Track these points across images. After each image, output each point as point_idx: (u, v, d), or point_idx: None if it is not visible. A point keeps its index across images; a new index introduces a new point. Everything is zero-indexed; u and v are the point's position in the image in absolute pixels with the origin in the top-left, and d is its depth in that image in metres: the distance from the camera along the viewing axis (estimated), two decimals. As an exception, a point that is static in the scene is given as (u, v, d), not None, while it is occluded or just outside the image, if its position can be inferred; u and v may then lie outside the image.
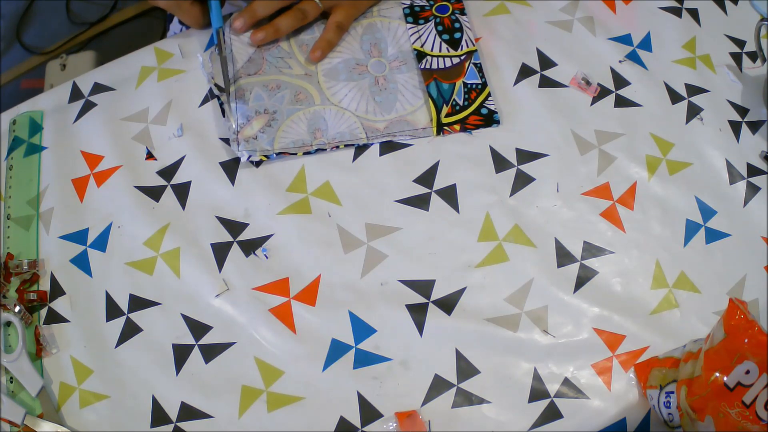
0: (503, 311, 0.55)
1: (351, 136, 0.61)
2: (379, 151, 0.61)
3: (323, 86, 0.63)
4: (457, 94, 0.63)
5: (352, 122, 0.61)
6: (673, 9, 0.69)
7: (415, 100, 0.63)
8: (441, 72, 0.64)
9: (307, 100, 0.62)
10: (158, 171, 0.61)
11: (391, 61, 0.65)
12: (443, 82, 0.63)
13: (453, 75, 0.64)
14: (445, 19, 0.66)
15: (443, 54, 0.64)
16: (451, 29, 0.65)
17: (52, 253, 0.59)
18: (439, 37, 0.65)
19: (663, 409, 0.49)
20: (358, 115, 0.62)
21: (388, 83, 0.64)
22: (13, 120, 0.65)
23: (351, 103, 0.62)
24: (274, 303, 0.56)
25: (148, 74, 0.66)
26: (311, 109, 0.62)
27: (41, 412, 0.53)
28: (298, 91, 0.62)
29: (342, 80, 0.64)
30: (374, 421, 0.52)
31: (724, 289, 0.57)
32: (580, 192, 0.60)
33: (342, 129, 0.61)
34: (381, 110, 0.62)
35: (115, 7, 1.59)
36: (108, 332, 0.56)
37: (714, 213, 0.59)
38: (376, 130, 0.61)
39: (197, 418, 0.53)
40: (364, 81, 0.64)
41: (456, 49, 0.65)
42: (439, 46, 0.65)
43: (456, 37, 0.65)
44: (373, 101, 0.63)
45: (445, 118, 0.62)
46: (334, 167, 0.61)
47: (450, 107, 0.62)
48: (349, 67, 0.64)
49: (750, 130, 0.64)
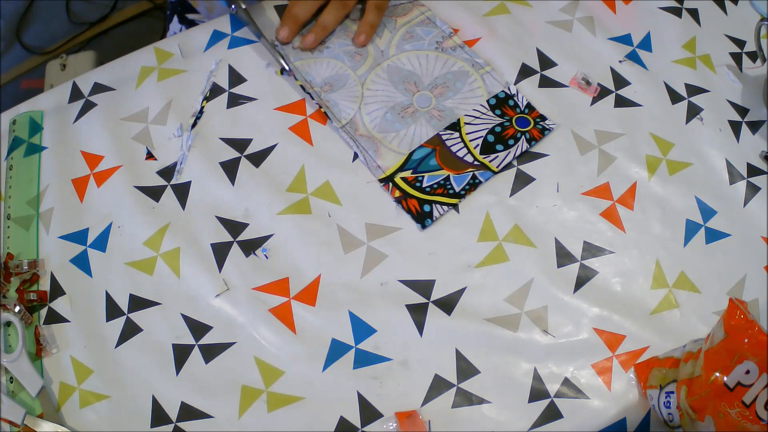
0: (503, 311, 0.55)
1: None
2: (379, 151, 0.61)
3: (384, 141, 0.61)
4: (429, 179, 0.59)
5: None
6: (673, 9, 0.69)
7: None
8: (448, 156, 0.60)
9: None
10: (158, 171, 0.61)
11: (431, 90, 0.63)
12: (437, 161, 0.60)
13: (457, 166, 0.60)
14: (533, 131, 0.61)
15: (476, 154, 0.60)
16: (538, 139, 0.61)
17: (52, 253, 0.59)
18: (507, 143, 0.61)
19: (663, 409, 0.49)
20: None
21: (443, 112, 0.62)
22: (13, 120, 0.65)
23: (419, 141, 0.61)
24: (274, 303, 0.56)
25: (148, 74, 0.66)
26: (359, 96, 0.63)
27: (41, 412, 0.53)
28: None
29: (399, 129, 0.62)
30: (374, 421, 0.52)
31: (724, 289, 0.57)
32: (580, 192, 0.60)
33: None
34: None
35: (115, 7, 1.59)
36: (108, 332, 0.56)
37: (714, 213, 0.59)
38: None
39: (197, 418, 0.53)
40: (421, 119, 0.62)
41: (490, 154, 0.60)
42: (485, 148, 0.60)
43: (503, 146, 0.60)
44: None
45: (399, 178, 0.59)
46: (334, 167, 0.61)
47: (412, 176, 0.59)
48: (398, 114, 0.62)
49: (750, 130, 0.64)
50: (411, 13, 0.68)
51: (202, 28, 0.69)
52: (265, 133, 0.62)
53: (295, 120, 0.63)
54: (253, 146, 0.62)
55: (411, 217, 0.58)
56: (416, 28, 0.67)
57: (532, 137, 0.61)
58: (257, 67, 0.66)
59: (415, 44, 0.66)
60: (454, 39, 0.66)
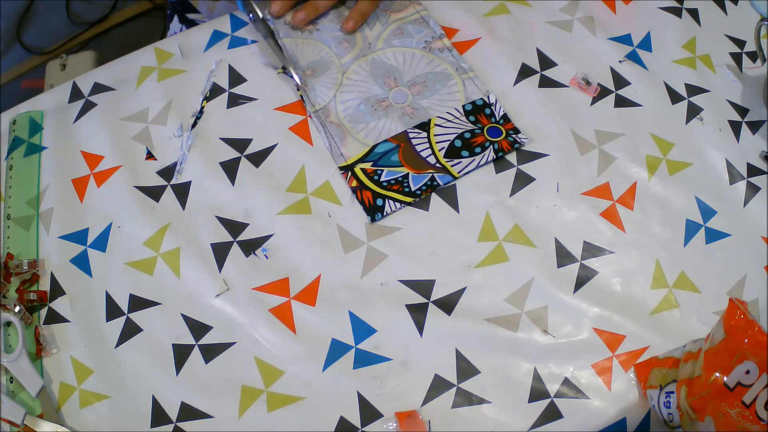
0: (503, 311, 0.55)
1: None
2: (379, 151, 0.61)
3: (352, 131, 0.62)
4: (387, 174, 0.59)
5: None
6: (673, 9, 0.69)
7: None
8: (411, 154, 0.60)
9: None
10: (158, 171, 0.61)
11: (410, 87, 0.63)
12: (399, 158, 0.59)
13: (418, 166, 0.60)
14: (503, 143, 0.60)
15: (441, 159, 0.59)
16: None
17: (52, 253, 0.59)
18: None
19: (663, 409, 0.49)
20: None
21: (417, 110, 0.62)
22: (13, 120, 0.65)
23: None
24: (274, 303, 0.56)
25: (148, 74, 0.66)
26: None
27: (41, 412, 0.53)
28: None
29: (369, 121, 0.62)
30: (374, 421, 0.52)
31: (724, 289, 0.57)
32: (580, 192, 0.60)
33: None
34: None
35: (115, 7, 1.59)
36: (108, 332, 0.56)
37: (714, 213, 0.59)
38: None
39: (197, 418, 0.53)
40: (393, 114, 0.62)
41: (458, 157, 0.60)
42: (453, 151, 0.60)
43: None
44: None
45: (358, 169, 0.59)
46: (335, 167, 0.60)
47: (371, 168, 0.59)
48: (371, 106, 0.63)
49: (750, 130, 0.64)
50: (406, 10, 0.68)
51: (202, 28, 0.69)
52: (265, 133, 0.62)
53: (295, 120, 0.63)
54: (253, 146, 0.62)
55: (363, 209, 0.58)
56: (408, 25, 0.67)
57: (501, 148, 0.60)
58: (257, 67, 0.66)
59: (403, 40, 0.66)
60: (444, 41, 0.66)
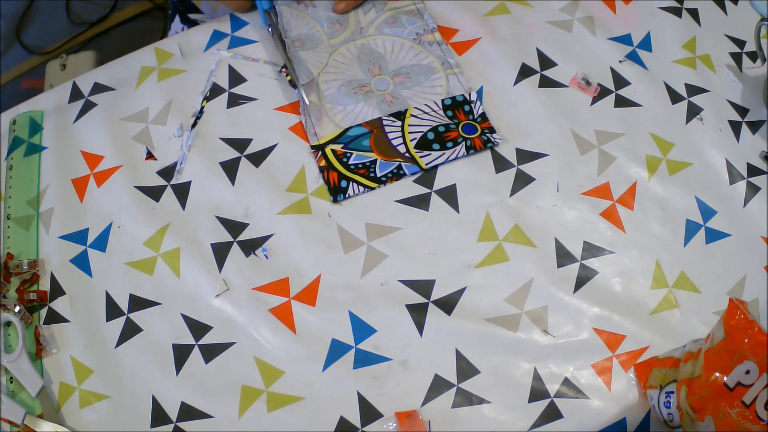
0: (503, 311, 0.55)
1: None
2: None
3: (329, 112, 0.62)
4: (356, 158, 0.60)
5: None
6: (673, 9, 0.69)
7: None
8: (382, 141, 0.60)
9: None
10: (158, 171, 0.61)
11: (393, 77, 0.64)
12: (369, 143, 0.60)
13: (387, 153, 0.60)
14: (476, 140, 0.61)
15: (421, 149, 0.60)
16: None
17: (52, 253, 0.59)
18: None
19: (663, 409, 0.49)
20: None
21: (396, 99, 0.63)
22: (13, 120, 0.65)
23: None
24: (274, 303, 0.56)
25: (148, 74, 0.66)
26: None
27: (41, 412, 0.53)
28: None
29: (347, 104, 0.63)
30: (374, 421, 0.52)
31: (724, 289, 0.57)
32: (580, 192, 0.60)
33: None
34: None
35: (115, 7, 1.58)
36: (108, 332, 0.56)
37: (714, 213, 0.59)
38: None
39: (197, 418, 0.53)
40: (372, 100, 0.63)
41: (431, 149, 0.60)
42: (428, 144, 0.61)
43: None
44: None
45: (329, 149, 0.60)
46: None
47: (341, 150, 0.60)
48: (352, 89, 0.63)
49: (750, 130, 0.64)
50: (403, 0, 0.68)
51: (202, 28, 0.69)
52: (265, 133, 0.62)
53: (295, 120, 0.63)
54: (253, 146, 0.62)
55: (327, 189, 0.59)
56: (402, 15, 0.67)
57: (473, 146, 0.60)
58: (257, 67, 0.66)
59: (395, 30, 0.67)
60: (435, 35, 0.66)
